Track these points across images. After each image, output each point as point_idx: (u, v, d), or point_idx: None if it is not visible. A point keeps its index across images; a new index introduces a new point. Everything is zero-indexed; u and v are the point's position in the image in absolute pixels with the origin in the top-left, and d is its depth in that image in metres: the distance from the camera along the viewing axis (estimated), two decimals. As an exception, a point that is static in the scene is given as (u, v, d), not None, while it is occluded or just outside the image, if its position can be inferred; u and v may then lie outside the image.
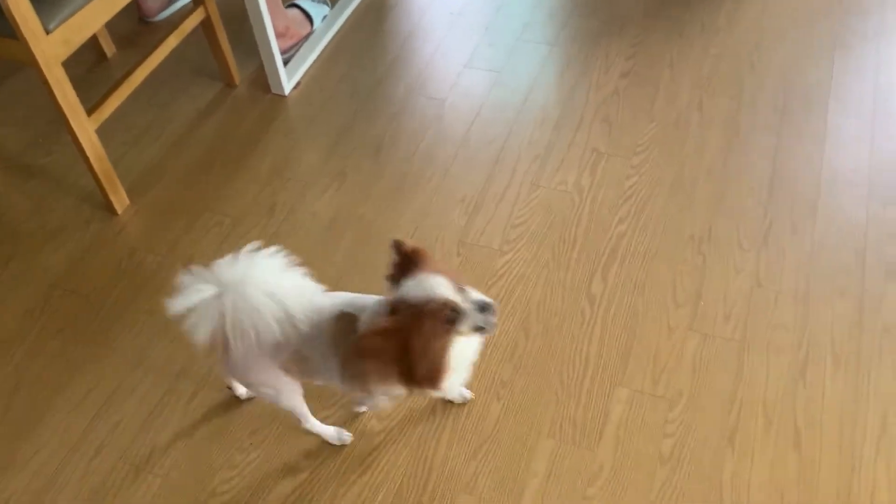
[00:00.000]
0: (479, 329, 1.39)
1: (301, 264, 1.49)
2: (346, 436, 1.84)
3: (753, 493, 1.73)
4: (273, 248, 1.48)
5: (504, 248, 2.23)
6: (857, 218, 2.22)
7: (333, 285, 1.55)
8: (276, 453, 1.84)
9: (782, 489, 1.74)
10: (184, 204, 2.41)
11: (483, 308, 1.37)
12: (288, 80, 2.73)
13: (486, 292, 1.45)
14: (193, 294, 1.40)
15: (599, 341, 2.01)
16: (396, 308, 1.35)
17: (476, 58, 2.84)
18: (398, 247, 1.41)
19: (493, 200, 2.36)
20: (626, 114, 2.60)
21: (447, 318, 1.35)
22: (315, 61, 2.88)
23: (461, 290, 1.39)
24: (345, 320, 1.48)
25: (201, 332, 1.40)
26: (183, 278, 1.43)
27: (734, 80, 2.66)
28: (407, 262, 1.39)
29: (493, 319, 1.39)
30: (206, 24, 2.60)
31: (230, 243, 2.27)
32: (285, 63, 2.75)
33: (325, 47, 2.93)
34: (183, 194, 2.45)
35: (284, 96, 2.74)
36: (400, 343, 1.32)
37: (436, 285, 1.35)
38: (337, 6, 3.05)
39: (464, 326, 1.37)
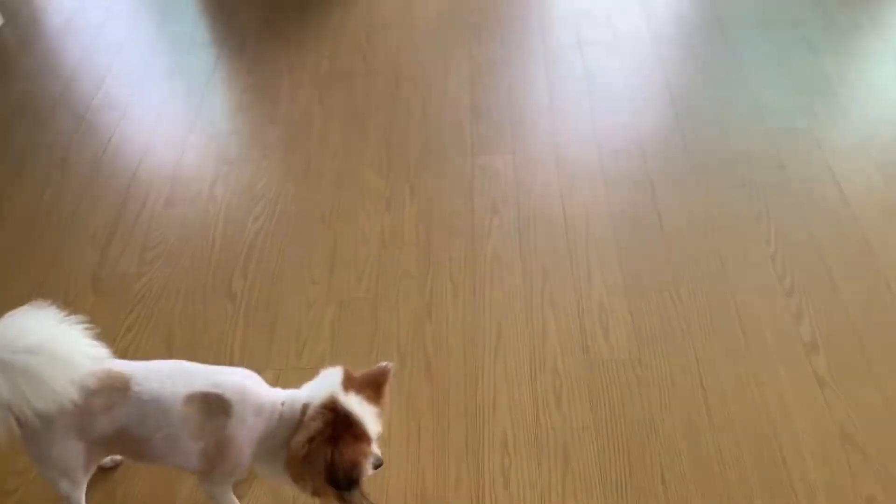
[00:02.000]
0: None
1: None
2: None
3: (394, 428, 1.86)
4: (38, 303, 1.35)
5: (142, 269, 2.22)
6: (465, 168, 2.48)
7: None
8: None
9: (419, 417, 1.88)
10: None
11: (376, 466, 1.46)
12: None
13: (126, 318, 1.42)
14: None
15: (243, 333, 2.06)
16: (336, 421, 1.40)
17: (99, 96, 2.81)
18: (384, 374, 1.49)
19: (126, 228, 2.34)
20: (253, 123, 2.70)
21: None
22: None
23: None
24: (205, 402, 1.40)
25: None
26: None
27: (348, 72, 2.86)
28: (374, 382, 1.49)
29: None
30: None
31: None
32: None
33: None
34: None
35: None
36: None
37: (375, 426, 1.43)
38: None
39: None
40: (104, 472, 1.77)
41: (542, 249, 2.23)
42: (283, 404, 1.44)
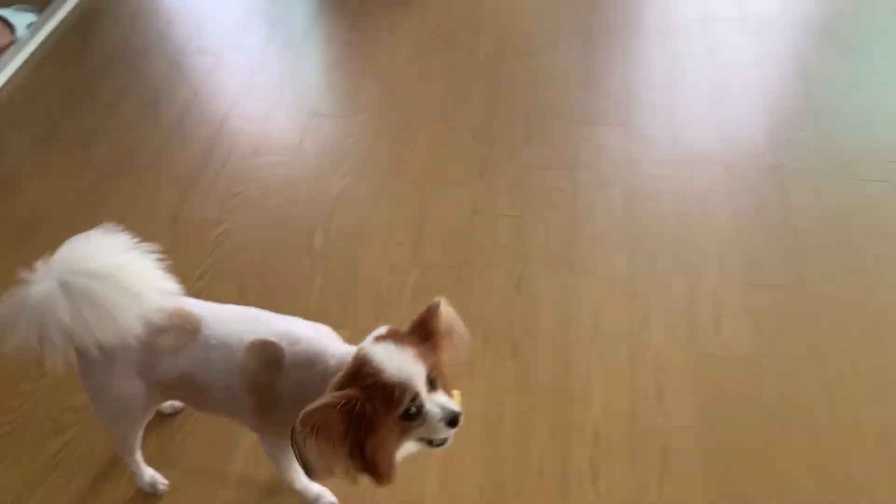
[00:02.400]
0: (429, 441, 1.19)
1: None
2: (161, 486, 1.55)
3: (472, 408, 1.68)
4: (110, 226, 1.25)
5: (221, 217, 2.11)
6: (569, 139, 2.28)
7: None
8: None
9: (501, 399, 1.70)
10: None
11: (450, 421, 1.16)
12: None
13: (200, 264, 1.27)
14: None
15: (320, 291, 1.92)
16: (358, 373, 1.13)
17: (194, 42, 2.74)
18: (430, 312, 1.20)
19: (210, 174, 2.24)
20: (349, 79, 2.58)
21: (405, 412, 1.14)
22: (22, 66, 2.68)
23: (434, 387, 1.17)
24: (264, 351, 1.25)
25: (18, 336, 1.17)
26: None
27: (452, 36, 2.69)
28: (423, 327, 1.20)
29: (450, 437, 1.19)
30: None
31: None
32: (-17, 71, 2.54)
33: (34, 53, 2.73)
34: None
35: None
36: (349, 424, 1.11)
37: (408, 370, 1.13)
38: (45, 13, 2.86)
39: (418, 431, 1.17)
40: (164, 417, 1.66)
41: (651, 232, 2.01)
42: (332, 357, 1.26)
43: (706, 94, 2.39)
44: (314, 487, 1.51)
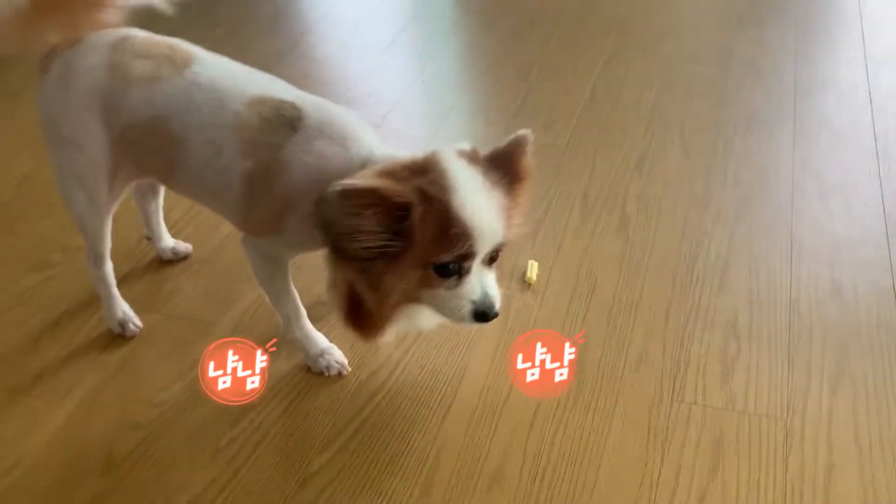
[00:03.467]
0: (450, 311, 0.87)
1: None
2: (132, 327, 1.18)
3: (555, 277, 1.21)
4: None
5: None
6: (724, 34, 1.82)
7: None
8: None
9: (595, 274, 1.21)
10: None
11: (478, 314, 0.86)
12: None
13: None
14: None
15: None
16: (421, 176, 0.82)
17: None
18: (519, 144, 0.87)
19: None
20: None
21: (443, 264, 0.83)
22: None
23: (493, 260, 0.88)
24: (275, 109, 0.94)
25: None
26: None
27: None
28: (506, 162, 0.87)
29: (472, 321, 0.87)
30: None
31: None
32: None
33: None
34: None
35: None
36: (386, 229, 0.81)
37: (488, 220, 0.82)
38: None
39: (439, 296, 0.86)
40: (161, 263, 1.31)
41: (821, 116, 1.50)
42: (371, 154, 0.90)
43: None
44: (320, 340, 1.09)
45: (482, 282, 0.86)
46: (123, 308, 1.18)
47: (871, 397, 1.00)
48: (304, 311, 1.07)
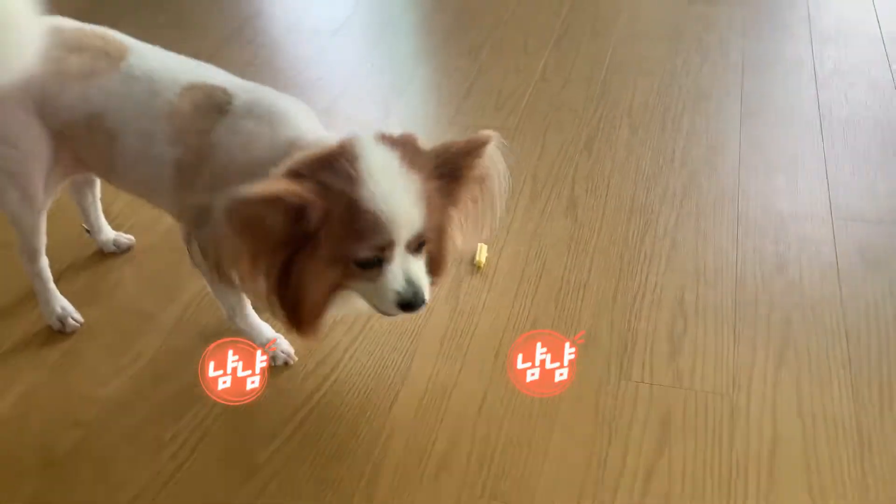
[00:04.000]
0: (377, 302, 0.84)
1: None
2: (73, 322, 1.14)
3: (505, 260, 1.21)
4: None
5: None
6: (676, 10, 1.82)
7: None
8: None
9: (544, 254, 1.21)
10: None
11: (404, 304, 0.83)
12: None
13: None
14: None
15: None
16: (331, 165, 0.78)
17: None
18: (474, 145, 0.83)
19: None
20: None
21: (359, 255, 0.80)
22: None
23: (418, 249, 0.84)
24: (206, 96, 0.92)
25: None
26: None
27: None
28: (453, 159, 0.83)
29: (398, 311, 0.83)
30: None
31: None
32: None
33: None
34: None
35: None
36: (290, 232, 0.78)
37: (399, 205, 0.78)
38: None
39: (363, 286, 0.83)
40: (103, 255, 1.28)
41: (767, 93, 1.51)
42: (300, 137, 0.87)
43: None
44: (265, 330, 1.07)
45: (407, 270, 0.83)
46: (62, 303, 1.15)
47: (814, 371, 1.01)
48: (247, 302, 1.05)
